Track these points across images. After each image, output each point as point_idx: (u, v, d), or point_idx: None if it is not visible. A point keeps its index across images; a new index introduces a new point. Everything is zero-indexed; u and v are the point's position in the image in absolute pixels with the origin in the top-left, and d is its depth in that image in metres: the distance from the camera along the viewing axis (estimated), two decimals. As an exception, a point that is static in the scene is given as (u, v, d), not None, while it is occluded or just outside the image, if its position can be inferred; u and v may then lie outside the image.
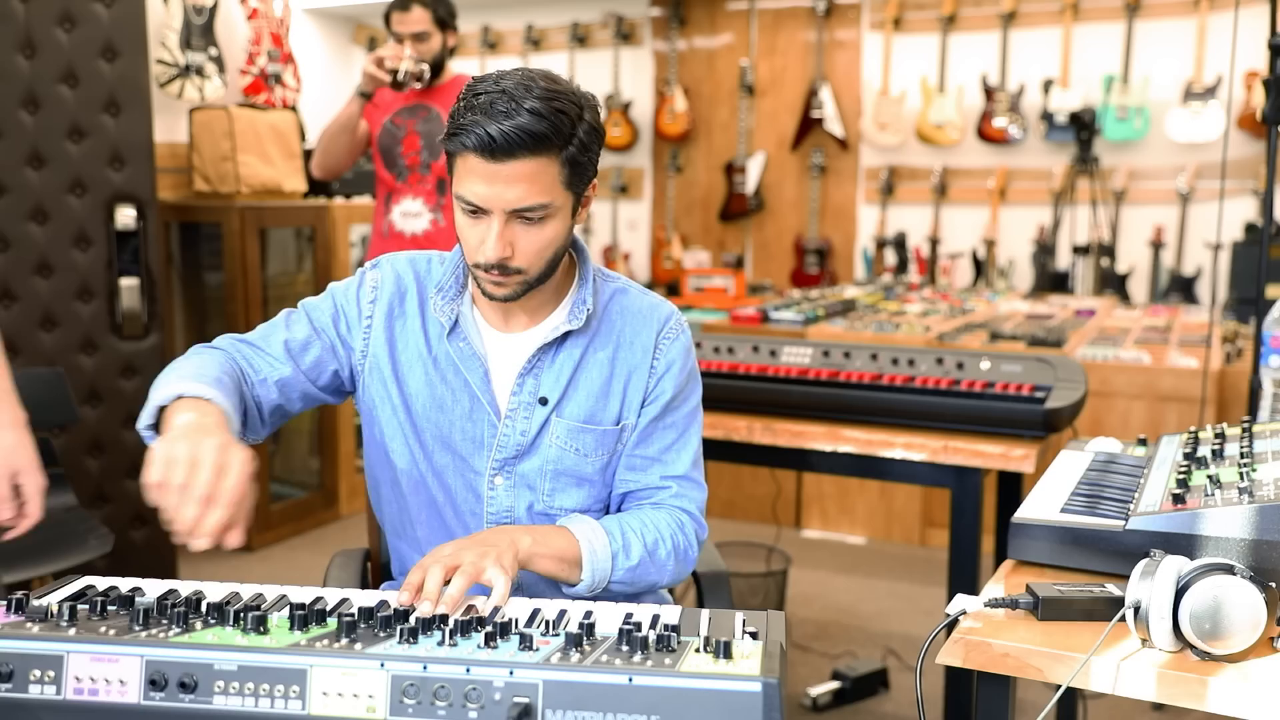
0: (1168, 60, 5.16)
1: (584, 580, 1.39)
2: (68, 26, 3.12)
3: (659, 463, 1.50)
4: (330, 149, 3.31)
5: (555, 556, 1.37)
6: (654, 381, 1.49)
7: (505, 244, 1.34)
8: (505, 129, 1.27)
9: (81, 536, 2.61)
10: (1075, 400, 2.12)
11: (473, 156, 1.30)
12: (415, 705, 0.97)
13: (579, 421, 1.46)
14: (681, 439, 1.52)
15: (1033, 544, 1.40)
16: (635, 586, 1.44)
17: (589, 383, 1.47)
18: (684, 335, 1.52)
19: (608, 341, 1.48)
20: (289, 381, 1.46)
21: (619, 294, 1.52)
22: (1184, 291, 5.14)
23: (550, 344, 1.46)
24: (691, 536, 1.49)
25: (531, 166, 1.30)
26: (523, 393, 1.46)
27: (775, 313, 4.07)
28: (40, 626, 1.04)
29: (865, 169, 5.88)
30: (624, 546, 1.42)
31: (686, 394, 1.53)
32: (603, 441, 1.48)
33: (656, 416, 1.49)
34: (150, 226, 3.28)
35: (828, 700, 2.79)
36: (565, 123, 1.31)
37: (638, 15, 6.24)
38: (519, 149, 1.29)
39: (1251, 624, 1.11)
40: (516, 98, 1.29)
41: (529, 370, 1.46)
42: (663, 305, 1.53)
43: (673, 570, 1.47)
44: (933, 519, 4.05)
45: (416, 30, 3.20)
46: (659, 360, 1.49)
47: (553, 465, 1.47)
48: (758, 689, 0.94)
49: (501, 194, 1.31)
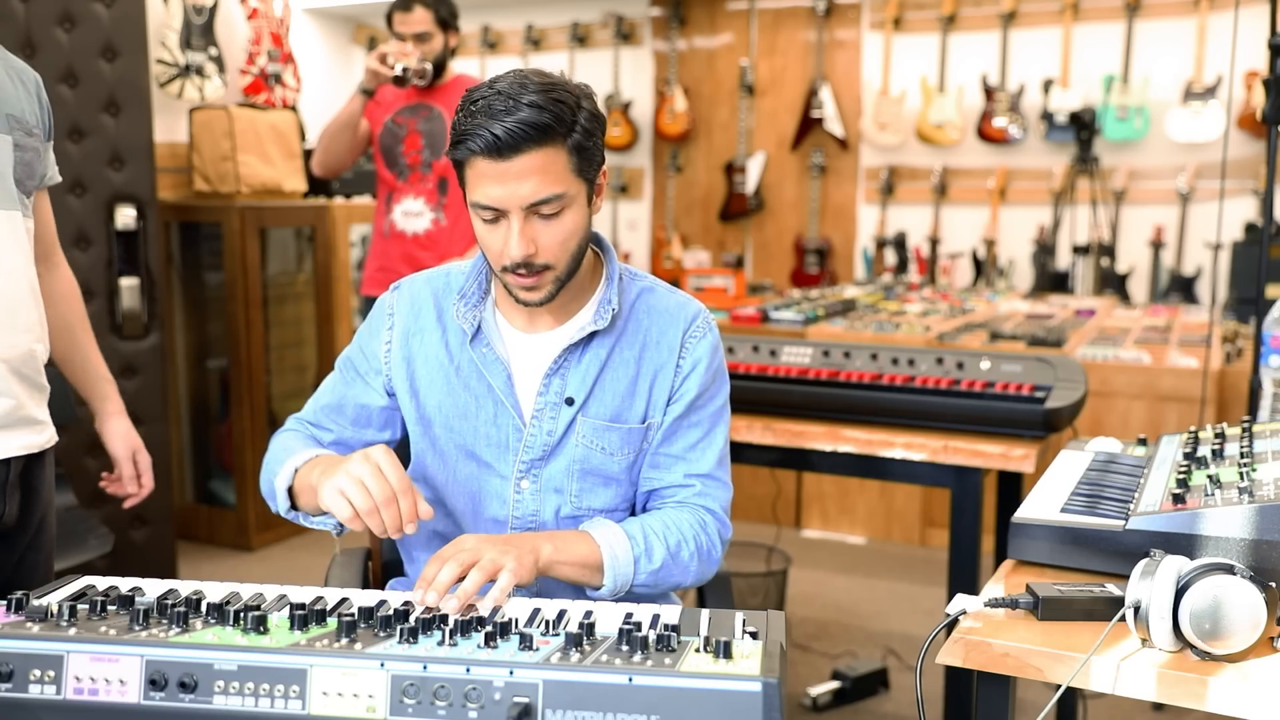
0: (1168, 60, 5.16)
1: (606, 585, 1.39)
2: (68, 26, 3.12)
3: (683, 460, 1.50)
4: (331, 147, 3.31)
5: (576, 563, 1.37)
6: (680, 380, 1.49)
7: (528, 241, 1.34)
8: (508, 125, 1.28)
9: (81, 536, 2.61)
10: (1075, 400, 2.12)
11: (481, 160, 1.31)
12: (415, 705, 0.97)
13: (605, 420, 1.46)
14: (707, 437, 1.51)
15: (1033, 544, 1.40)
16: (658, 588, 1.45)
17: (615, 382, 1.47)
18: (711, 333, 1.52)
19: (634, 341, 1.48)
20: (347, 441, 1.56)
21: (646, 293, 1.52)
22: (1184, 291, 5.14)
23: (576, 344, 1.46)
24: (715, 536, 1.49)
25: (540, 159, 1.31)
26: (549, 393, 1.46)
27: (775, 313, 4.07)
28: (40, 626, 1.04)
29: (865, 169, 5.88)
30: (646, 550, 1.41)
31: (713, 392, 1.52)
32: (628, 440, 1.48)
33: (681, 414, 1.49)
34: (150, 226, 3.28)
35: (828, 700, 2.79)
36: (566, 111, 1.32)
37: (638, 15, 6.24)
38: (525, 142, 1.29)
39: (1251, 624, 1.11)
40: (514, 95, 1.30)
41: (555, 371, 1.46)
42: (690, 304, 1.53)
43: (696, 571, 1.47)
44: (933, 519, 4.05)
45: (418, 30, 3.20)
46: (685, 359, 1.49)
47: (579, 465, 1.46)
48: (758, 689, 0.94)
49: (515, 191, 1.31)
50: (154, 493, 1.96)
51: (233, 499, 4.09)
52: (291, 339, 4.38)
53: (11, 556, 1.60)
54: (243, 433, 4.00)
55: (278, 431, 1.58)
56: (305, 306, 4.38)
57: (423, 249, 3.27)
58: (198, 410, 4.28)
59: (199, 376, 4.25)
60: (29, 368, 1.57)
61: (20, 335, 1.54)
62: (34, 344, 1.57)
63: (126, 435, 1.88)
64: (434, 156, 3.25)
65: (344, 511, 1.25)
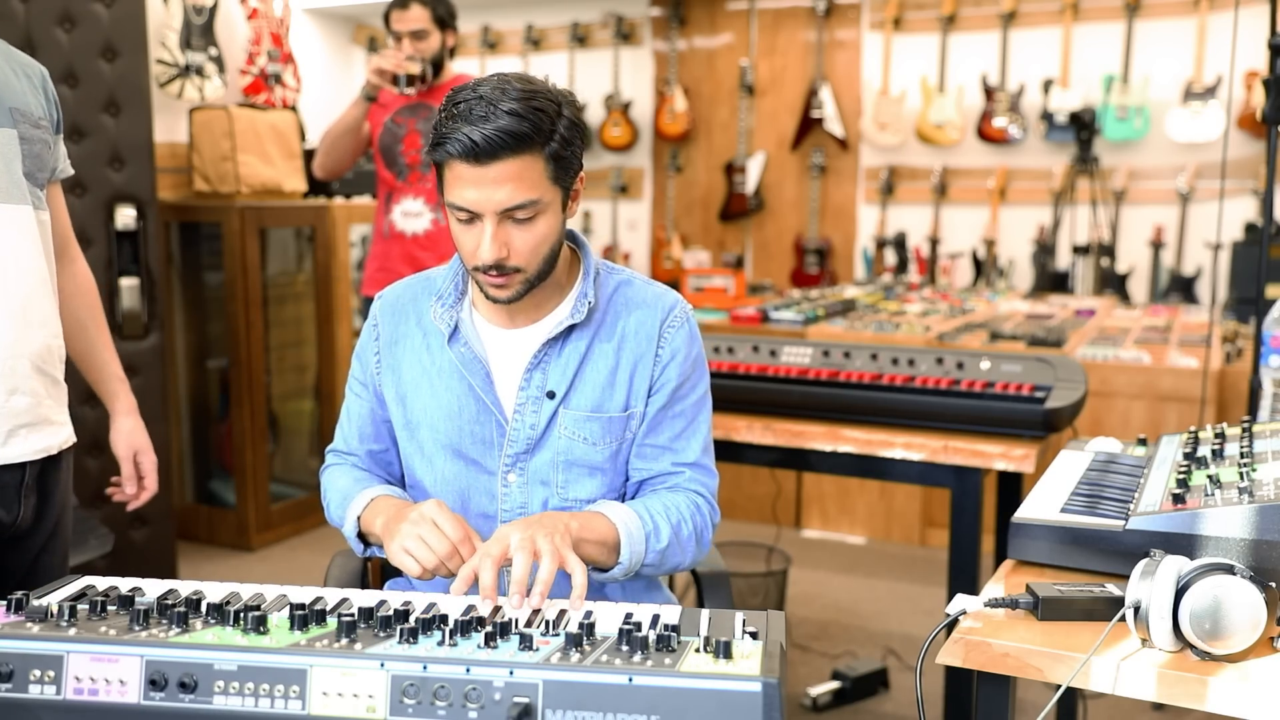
0: (1168, 60, 5.16)
1: (620, 563, 1.41)
2: (68, 26, 3.12)
3: (670, 451, 1.53)
4: (333, 151, 3.31)
5: (597, 541, 1.38)
6: (659, 369, 1.51)
7: (500, 244, 1.37)
8: (486, 132, 1.30)
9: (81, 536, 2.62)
10: (1075, 400, 2.12)
11: (458, 163, 1.33)
12: (415, 705, 0.97)
13: (586, 411, 1.48)
14: (690, 427, 1.54)
15: (1033, 544, 1.41)
16: (661, 569, 1.47)
17: (595, 374, 1.49)
18: (689, 324, 1.55)
19: (613, 332, 1.50)
20: (376, 454, 1.62)
21: (623, 285, 1.54)
22: (1184, 291, 5.14)
23: (555, 338, 1.48)
24: (707, 519, 1.52)
25: (516, 166, 1.33)
26: (530, 387, 1.48)
27: (775, 313, 4.07)
28: (40, 626, 1.04)
29: (865, 169, 5.88)
30: (655, 528, 1.44)
31: (694, 382, 1.55)
32: (610, 429, 1.49)
33: (664, 405, 1.51)
34: (150, 226, 3.28)
35: (828, 700, 2.79)
36: (544, 120, 1.34)
37: (638, 15, 6.24)
38: (502, 150, 1.31)
39: (1251, 624, 1.11)
40: (494, 101, 1.32)
41: (535, 365, 1.48)
42: (667, 295, 1.55)
43: (693, 552, 1.50)
44: (933, 519, 4.05)
45: (415, 28, 3.19)
46: (664, 349, 1.51)
47: (563, 456, 1.49)
48: (758, 689, 0.94)
49: (490, 196, 1.34)
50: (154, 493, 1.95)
51: (233, 499, 4.08)
52: (291, 339, 4.38)
53: (25, 559, 1.59)
54: (243, 433, 4.00)
55: (322, 469, 1.65)
56: (305, 306, 4.38)
57: (423, 249, 3.27)
58: (198, 410, 4.28)
59: (199, 376, 4.25)
60: (48, 364, 1.55)
61: (36, 330, 1.53)
62: (50, 339, 1.56)
63: (130, 435, 1.86)
64: (434, 156, 3.25)
65: (414, 569, 1.31)
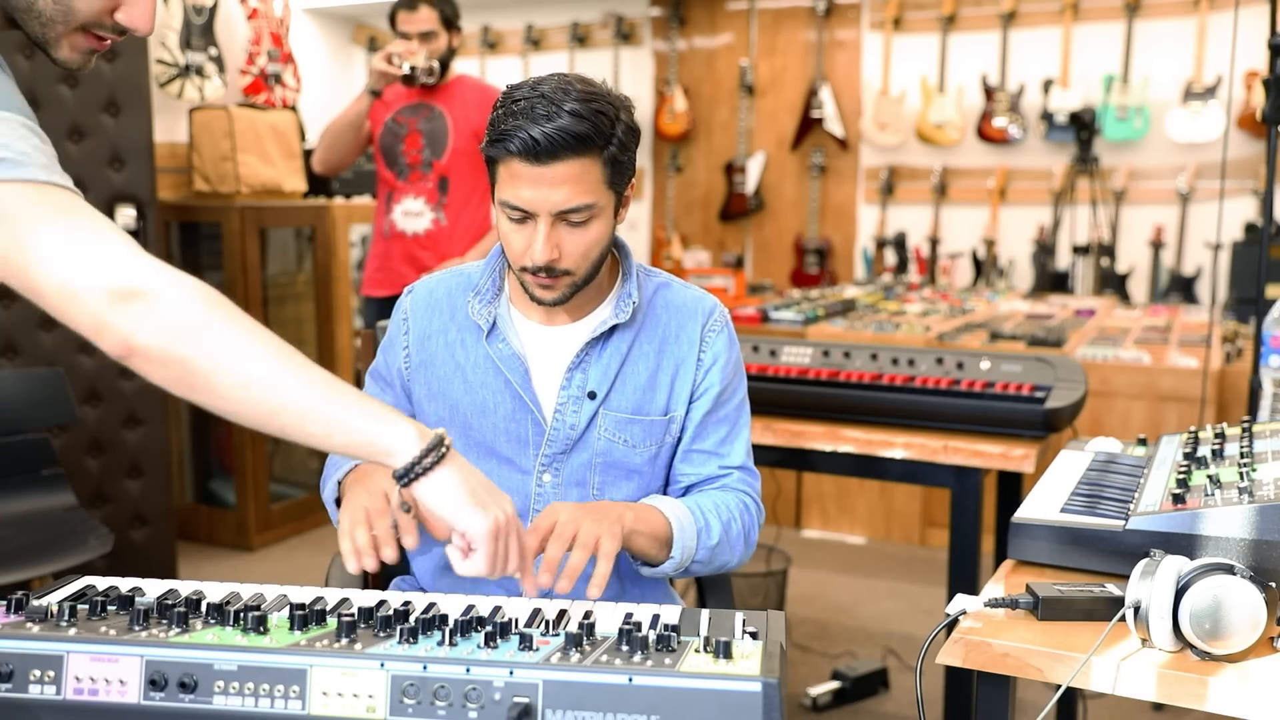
0: (1168, 60, 5.16)
1: (672, 559, 1.41)
2: (68, 26, 3.11)
3: (716, 456, 1.53)
4: (335, 145, 3.31)
5: (651, 535, 1.38)
6: (701, 374, 1.51)
7: (552, 246, 1.36)
8: (548, 131, 1.29)
9: (81, 536, 2.61)
10: (1075, 400, 2.12)
11: (516, 161, 1.32)
12: (415, 705, 0.97)
13: (627, 413, 1.48)
14: (734, 431, 1.54)
15: (1033, 544, 1.40)
16: (710, 566, 1.47)
17: (636, 376, 1.49)
18: (728, 328, 1.55)
19: (654, 335, 1.50)
20: None
21: (662, 288, 1.54)
22: (1184, 291, 5.14)
23: (597, 338, 1.47)
24: (754, 518, 1.53)
25: (575, 168, 1.32)
26: (571, 387, 1.47)
27: (775, 313, 4.07)
28: (40, 626, 1.04)
29: (865, 169, 5.87)
30: (706, 525, 1.44)
31: (735, 386, 1.55)
32: (650, 432, 1.49)
33: (709, 411, 1.51)
34: (150, 226, 3.28)
35: (828, 700, 2.79)
36: (605, 123, 1.33)
37: (638, 15, 6.24)
38: (562, 150, 1.31)
39: (1251, 624, 1.11)
40: (556, 101, 1.31)
41: (577, 365, 1.47)
42: (706, 298, 1.56)
43: (741, 550, 1.50)
44: (933, 519, 4.05)
45: (424, 29, 3.19)
46: (705, 353, 1.51)
47: (601, 458, 1.48)
48: (758, 689, 0.94)
49: (547, 196, 1.33)
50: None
51: (233, 499, 4.08)
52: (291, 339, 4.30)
53: None
54: (242, 433, 4.00)
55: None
56: (305, 306, 4.38)
57: (423, 249, 3.27)
58: (198, 410, 4.24)
59: (199, 376, 4.24)
60: None
61: None
62: None
63: None
64: (434, 156, 3.25)
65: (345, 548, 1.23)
